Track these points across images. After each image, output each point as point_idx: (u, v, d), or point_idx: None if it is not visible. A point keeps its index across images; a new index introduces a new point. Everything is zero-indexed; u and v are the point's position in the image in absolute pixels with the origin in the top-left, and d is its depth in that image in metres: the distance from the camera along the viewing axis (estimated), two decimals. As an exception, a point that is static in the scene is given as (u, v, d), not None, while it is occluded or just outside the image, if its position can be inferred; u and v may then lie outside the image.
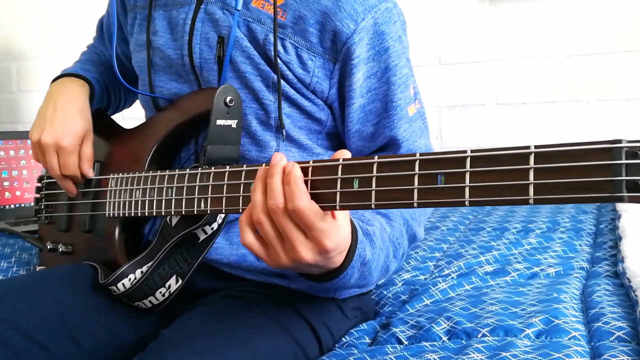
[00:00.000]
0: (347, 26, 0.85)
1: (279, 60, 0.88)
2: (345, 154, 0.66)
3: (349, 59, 0.87)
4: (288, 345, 0.87)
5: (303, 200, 0.63)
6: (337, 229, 0.66)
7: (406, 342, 0.94)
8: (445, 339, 0.93)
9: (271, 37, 0.88)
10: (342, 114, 0.93)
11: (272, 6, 0.88)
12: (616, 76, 1.97)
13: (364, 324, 1.02)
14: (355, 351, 0.91)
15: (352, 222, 0.73)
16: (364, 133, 0.92)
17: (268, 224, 0.66)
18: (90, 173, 1.02)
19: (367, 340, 0.97)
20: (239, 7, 0.88)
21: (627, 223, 1.43)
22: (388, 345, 0.93)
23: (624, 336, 0.88)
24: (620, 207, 1.62)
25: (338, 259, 0.70)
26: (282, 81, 0.89)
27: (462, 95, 2.17)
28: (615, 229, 1.46)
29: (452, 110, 2.18)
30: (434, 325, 0.96)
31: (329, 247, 0.65)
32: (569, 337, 0.88)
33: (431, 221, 1.73)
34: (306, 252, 0.65)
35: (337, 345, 0.97)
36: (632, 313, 0.95)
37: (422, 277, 1.27)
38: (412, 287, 1.20)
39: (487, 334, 0.91)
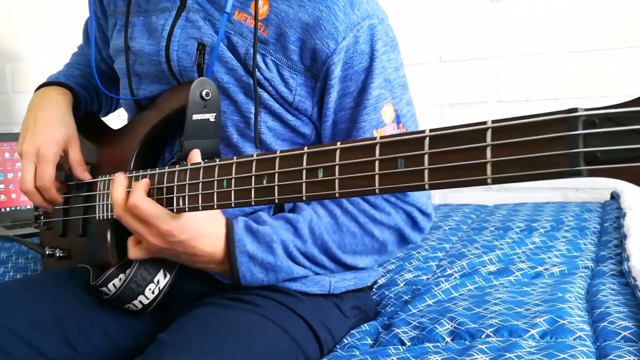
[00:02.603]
0: (327, 45, 0.84)
1: (262, 77, 0.87)
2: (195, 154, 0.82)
3: (328, 79, 0.86)
4: (288, 347, 0.86)
5: (139, 198, 0.79)
6: (173, 217, 0.80)
7: (409, 343, 0.93)
8: (448, 339, 0.92)
9: (252, 51, 0.86)
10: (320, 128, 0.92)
11: (254, 20, 0.86)
12: (620, 72, 1.96)
13: (365, 325, 1.01)
14: (357, 352, 0.90)
15: (229, 223, 0.86)
16: None
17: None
18: (87, 176, 1.01)
19: (369, 341, 0.96)
20: (224, 23, 0.86)
21: (632, 221, 1.42)
22: (390, 347, 0.91)
23: (630, 336, 0.87)
24: (625, 205, 1.61)
25: (196, 244, 0.83)
26: (265, 95, 0.88)
27: (463, 93, 2.15)
28: (620, 227, 1.45)
29: (454, 108, 2.17)
30: (437, 326, 0.95)
31: (165, 230, 0.80)
32: (574, 337, 0.87)
33: (433, 220, 1.72)
34: (152, 238, 0.81)
35: (338, 346, 0.96)
36: (638, 312, 0.94)
37: (424, 277, 1.25)
38: (414, 287, 1.19)
39: (491, 334, 0.90)
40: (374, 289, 1.19)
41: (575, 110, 0.43)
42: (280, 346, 0.85)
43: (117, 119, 1.12)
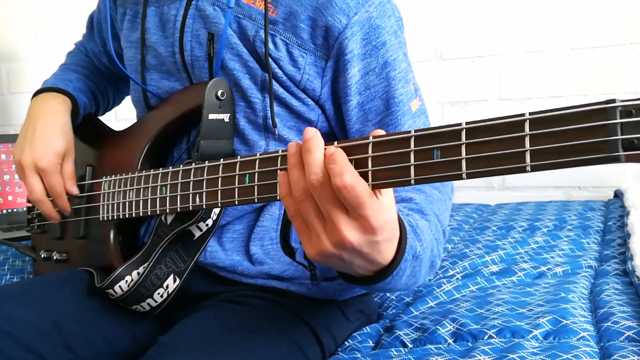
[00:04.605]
0: (338, 21, 0.84)
1: (270, 57, 0.86)
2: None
3: (342, 55, 0.85)
4: (289, 350, 0.85)
5: (352, 174, 0.57)
6: (383, 208, 0.59)
7: (411, 345, 0.93)
8: (450, 341, 0.92)
9: (262, 33, 0.87)
10: (336, 113, 0.91)
11: (263, 2, 0.87)
12: (623, 69, 1.95)
13: (367, 327, 1.01)
14: (359, 355, 0.90)
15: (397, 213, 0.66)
16: (365, 134, 0.89)
17: (308, 202, 0.60)
18: (75, 190, 1.01)
19: (371, 343, 0.96)
20: (232, 4, 0.87)
21: (636, 220, 1.41)
22: (392, 349, 0.91)
23: (634, 336, 0.86)
24: (629, 203, 1.60)
25: (385, 248, 0.62)
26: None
27: (464, 91, 2.14)
28: (624, 226, 1.45)
29: (455, 106, 2.16)
30: (439, 327, 0.94)
31: (375, 226, 0.58)
32: (577, 337, 0.87)
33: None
34: (349, 232, 0.58)
35: (339, 349, 0.95)
36: (643, 312, 0.94)
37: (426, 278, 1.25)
38: (415, 288, 1.18)
39: (493, 335, 0.90)
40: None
41: (613, 101, 0.46)
42: (282, 350, 0.84)
43: (114, 120, 1.11)
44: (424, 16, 2.16)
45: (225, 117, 0.89)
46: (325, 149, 0.60)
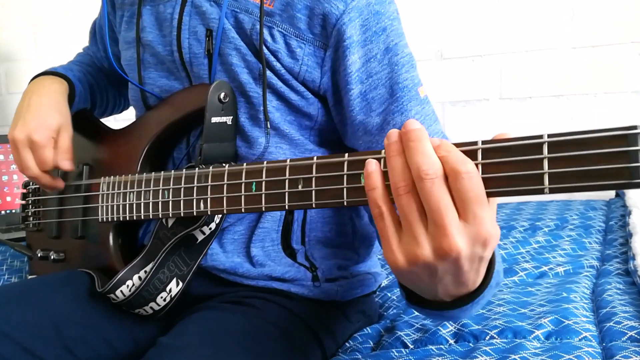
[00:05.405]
0: (336, 7, 0.83)
1: (266, 51, 0.86)
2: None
3: (341, 41, 0.83)
4: (289, 352, 0.85)
5: (472, 163, 0.50)
6: (494, 216, 0.51)
7: (412, 346, 0.92)
8: (452, 342, 0.91)
9: (258, 26, 0.86)
10: (336, 105, 0.89)
11: None
12: (624, 68, 1.94)
13: (367, 328, 1.01)
14: (359, 356, 0.90)
15: None
16: (369, 125, 0.85)
17: (412, 196, 0.51)
18: (68, 166, 0.98)
19: (371, 344, 0.95)
20: None
21: (637, 219, 1.41)
22: (393, 350, 0.91)
23: (636, 336, 0.86)
24: (631, 202, 1.60)
25: (483, 269, 0.54)
26: (269, 73, 0.87)
27: (465, 90, 2.14)
28: (626, 226, 1.44)
29: (455, 105, 2.15)
30: (440, 328, 0.94)
31: (485, 233, 0.49)
32: (579, 337, 0.86)
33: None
34: (460, 239, 0.49)
35: (340, 350, 0.95)
36: (645, 312, 0.93)
37: (427, 277, 1.24)
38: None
39: (495, 336, 0.90)
40: (376, 291, 1.18)
41: (635, 127, 0.47)
42: (282, 351, 0.83)
43: (112, 120, 1.11)
44: (424, 15, 2.15)
45: (228, 119, 0.88)
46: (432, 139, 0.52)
